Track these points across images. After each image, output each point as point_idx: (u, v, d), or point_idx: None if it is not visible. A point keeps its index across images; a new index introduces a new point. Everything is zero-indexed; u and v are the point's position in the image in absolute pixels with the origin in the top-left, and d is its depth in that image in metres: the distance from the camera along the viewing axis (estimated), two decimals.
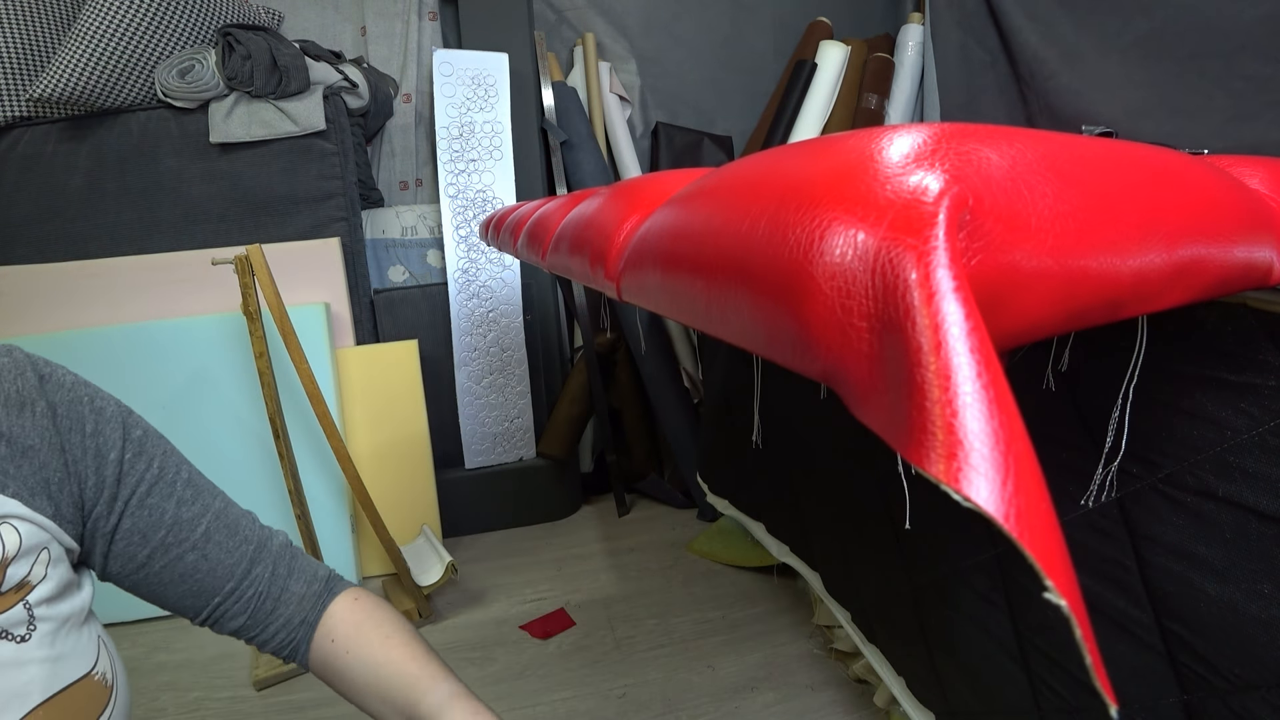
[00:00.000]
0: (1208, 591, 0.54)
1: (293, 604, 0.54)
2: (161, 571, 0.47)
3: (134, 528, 0.46)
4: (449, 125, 1.80)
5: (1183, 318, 0.53)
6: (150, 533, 0.46)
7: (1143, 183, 0.24)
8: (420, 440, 1.73)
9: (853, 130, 0.25)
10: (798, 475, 1.24)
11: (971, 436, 0.14)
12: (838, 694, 1.26)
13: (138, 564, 0.47)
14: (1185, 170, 0.27)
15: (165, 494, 0.47)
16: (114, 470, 0.44)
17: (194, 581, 0.49)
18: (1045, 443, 0.67)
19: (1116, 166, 0.24)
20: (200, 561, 0.49)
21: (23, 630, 0.38)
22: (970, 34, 1.73)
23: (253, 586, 0.52)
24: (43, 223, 1.59)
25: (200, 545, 0.49)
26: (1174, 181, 0.25)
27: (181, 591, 0.49)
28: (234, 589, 0.51)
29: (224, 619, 0.51)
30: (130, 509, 0.45)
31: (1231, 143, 1.14)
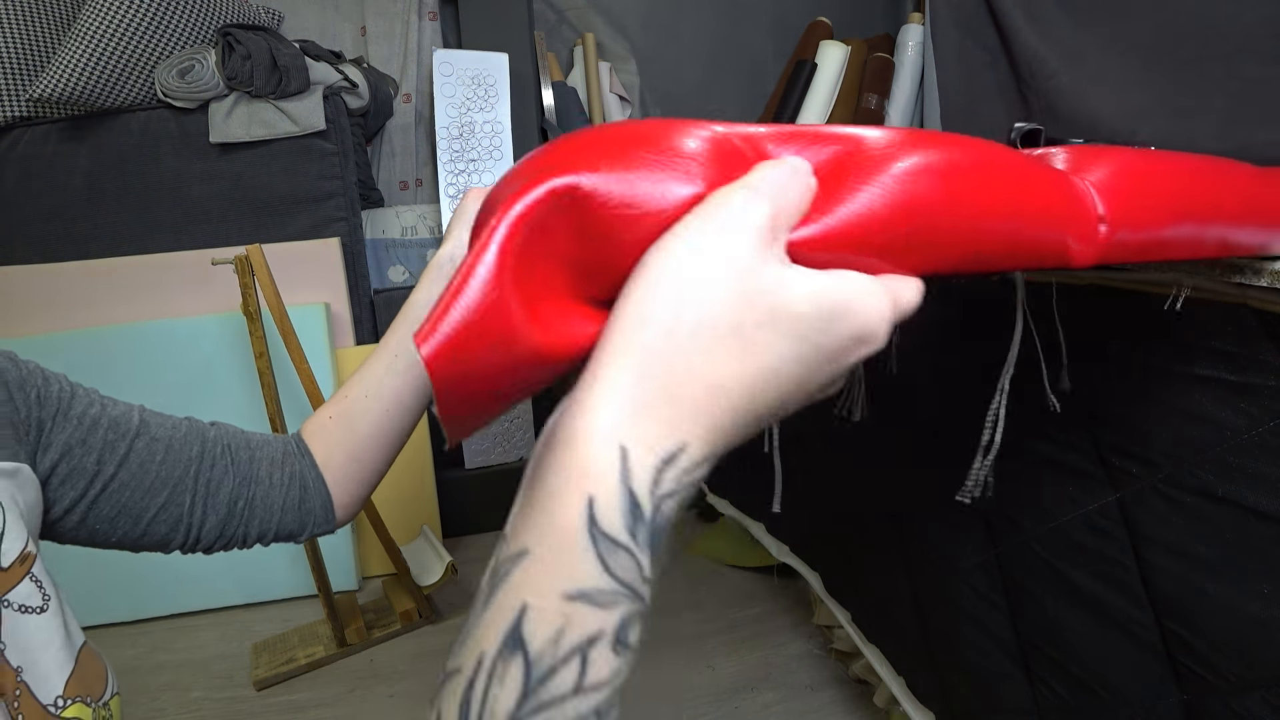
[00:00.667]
0: (1208, 591, 0.54)
1: (265, 462, 0.50)
2: (119, 479, 0.43)
3: (71, 439, 0.42)
4: (449, 125, 1.80)
5: (1184, 318, 0.53)
6: (89, 437, 0.42)
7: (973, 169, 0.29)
8: (420, 440, 1.73)
9: None
10: (798, 475, 1.24)
11: (438, 320, 0.20)
12: (838, 694, 1.26)
13: (89, 477, 0.42)
14: (1002, 161, 0.31)
15: (85, 400, 0.44)
16: (35, 396, 0.41)
17: (156, 474, 0.44)
18: (1045, 442, 0.67)
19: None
20: (151, 447, 0.45)
21: (39, 601, 0.37)
22: (970, 34, 1.73)
23: (219, 448, 0.48)
24: (43, 223, 1.59)
25: (143, 432, 0.45)
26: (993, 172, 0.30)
27: (148, 493, 0.44)
28: (199, 471, 0.46)
29: (213, 499, 0.47)
30: (58, 421, 0.42)
31: (1230, 144, 1.14)
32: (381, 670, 1.40)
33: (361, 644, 1.45)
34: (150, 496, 0.44)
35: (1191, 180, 0.42)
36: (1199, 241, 0.41)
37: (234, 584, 1.60)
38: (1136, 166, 0.37)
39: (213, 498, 0.46)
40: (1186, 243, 0.40)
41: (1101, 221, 0.33)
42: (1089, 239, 0.33)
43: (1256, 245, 0.45)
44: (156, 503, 0.44)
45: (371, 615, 1.53)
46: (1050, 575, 0.69)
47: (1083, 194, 0.33)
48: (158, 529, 0.45)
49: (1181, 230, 0.39)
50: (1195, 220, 0.40)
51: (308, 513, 0.50)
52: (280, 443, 0.51)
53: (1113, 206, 0.34)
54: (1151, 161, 0.40)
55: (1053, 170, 0.34)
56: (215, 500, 0.47)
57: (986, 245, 0.29)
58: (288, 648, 1.44)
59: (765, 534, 1.42)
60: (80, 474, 0.42)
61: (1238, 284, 0.48)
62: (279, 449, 0.51)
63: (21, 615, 0.36)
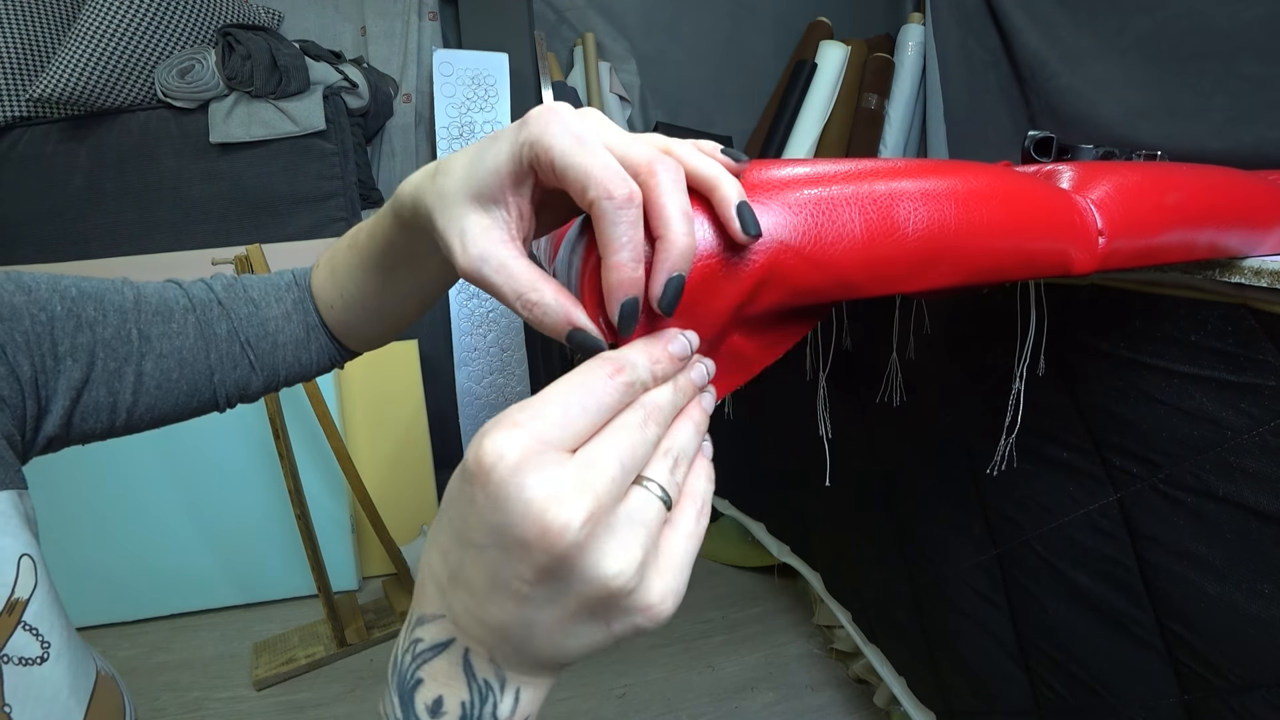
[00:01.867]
0: (1208, 591, 0.54)
1: (275, 319, 0.46)
2: (141, 402, 0.41)
3: (71, 380, 0.38)
4: (449, 125, 1.80)
5: (1184, 318, 0.53)
6: (90, 373, 0.39)
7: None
8: (420, 440, 1.73)
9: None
10: (799, 475, 1.25)
11: None
12: (838, 694, 1.26)
13: (108, 408, 0.39)
14: (1009, 182, 0.35)
15: (69, 325, 0.38)
16: (27, 372, 0.36)
17: (176, 387, 0.42)
18: (1046, 442, 0.67)
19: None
20: (161, 364, 0.41)
21: (38, 651, 0.33)
22: (971, 34, 1.73)
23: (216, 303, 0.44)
24: (43, 223, 1.59)
25: (146, 351, 0.41)
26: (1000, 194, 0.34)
27: (173, 397, 0.42)
28: (212, 365, 0.44)
29: (231, 375, 0.45)
30: (49, 373, 0.37)
31: (1231, 143, 1.14)
32: (381, 670, 1.40)
33: (361, 644, 1.45)
34: (176, 400, 0.43)
35: (1184, 190, 0.45)
36: (1191, 246, 0.44)
37: (234, 584, 1.60)
38: (1133, 182, 0.41)
39: (230, 374, 0.45)
40: (1179, 248, 0.44)
41: (1100, 234, 0.38)
42: (1089, 250, 0.37)
43: (1245, 247, 0.48)
44: (184, 404, 0.43)
45: (371, 615, 1.53)
46: (1050, 575, 0.69)
47: (1083, 211, 0.38)
48: (188, 415, 0.45)
49: (1174, 236, 0.43)
50: (1187, 227, 0.44)
51: (317, 350, 0.49)
52: (286, 287, 0.48)
53: (1111, 220, 0.38)
54: (1148, 175, 0.43)
55: (1056, 190, 0.39)
56: (234, 377, 0.45)
57: (998, 261, 0.33)
58: (288, 648, 1.44)
59: (765, 534, 1.42)
60: (101, 408, 0.40)
61: (1237, 284, 0.48)
62: (288, 300, 0.48)
63: (23, 669, 0.33)
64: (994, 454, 0.69)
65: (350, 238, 0.44)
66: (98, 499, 1.49)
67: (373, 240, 0.41)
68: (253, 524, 1.58)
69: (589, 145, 0.25)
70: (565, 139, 0.25)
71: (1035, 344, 0.63)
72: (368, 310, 0.47)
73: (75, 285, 0.40)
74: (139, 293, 0.42)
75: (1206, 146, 1.16)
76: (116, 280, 0.42)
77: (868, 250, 0.30)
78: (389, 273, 0.42)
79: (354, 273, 0.44)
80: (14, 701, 0.32)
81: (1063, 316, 0.62)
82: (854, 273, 0.30)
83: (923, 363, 0.81)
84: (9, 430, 0.36)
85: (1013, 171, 0.38)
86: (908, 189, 0.31)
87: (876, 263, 0.30)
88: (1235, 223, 0.46)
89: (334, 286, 0.46)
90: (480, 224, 0.27)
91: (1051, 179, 0.42)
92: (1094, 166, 0.43)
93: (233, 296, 0.46)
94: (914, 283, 0.32)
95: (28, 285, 0.37)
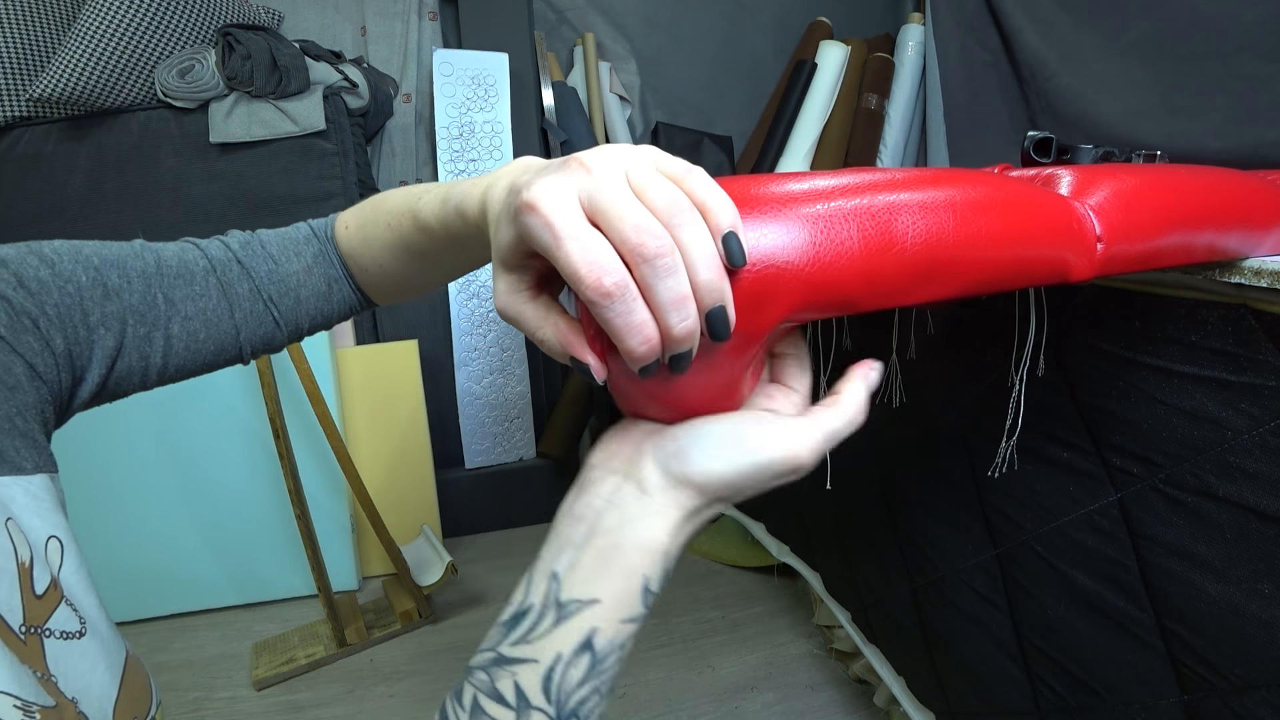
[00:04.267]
0: (1208, 591, 0.54)
1: (297, 274, 0.47)
2: (171, 362, 0.42)
3: (106, 347, 0.39)
4: (449, 125, 1.80)
5: (1184, 319, 0.53)
6: (123, 340, 0.40)
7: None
8: (420, 440, 1.73)
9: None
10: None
11: None
12: (838, 694, 1.26)
13: (140, 372, 0.41)
14: (1009, 191, 0.36)
15: (96, 294, 0.38)
16: (60, 346, 0.37)
17: (201, 346, 0.44)
18: (1046, 442, 0.67)
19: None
20: (188, 326, 0.42)
21: (77, 625, 0.35)
22: (971, 34, 1.73)
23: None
24: (43, 222, 1.59)
25: (172, 314, 0.42)
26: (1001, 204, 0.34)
27: (201, 354, 0.43)
28: (238, 323, 0.44)
29: (257, 330, 0.45)
30: (83, 343, 0.38)
31: (1231, 143, 1.14)
32: (381, 670, 1.40)
33: (361, 644, 1.45)
34: (203, 358, 0.44)
35: (1182, 194, 0.45)
36: (1190, 248, 0.44)
37: (234, 584, 1.60)
38: (1131, 186, 0.41)
39: (256, 331, 0.46)
40: (1178, 250, 0.43)
41: (1099, 240, 0.38)
42: (1087, 256, 0.37)
43: (1244, 248, 0.48)
44: (210, 361, 0.45)
45: (371, 615, 1.53)
46: (1050, 575, 0.69)
47: (1081, 218, 0.38)
48: (214, 369, 0.46)
49: (1173, 240, 0.43)
50: (1186, 229, 0.43)
51: (339, 301, 0.49)
52: (305, 240, 0.49)
53: (1109, 226, 0.38)
54: (1146, 179, 0.43)
55: (1054, 197, 0.39)
56: (260, 333, 0.46)
57: (997, 272, 0.34)
58: (288, 648, 1.44)
59: (765, 534, 1.42)
60: (134, 371, 0.41)
61: (1238, 285, 0.48)
62: (308, 254, 0.48)
63: (64, 642, 0.34)
64: (994, 454, 0.69)
65: (391, 216, 0.44)
66: (98, 499, 1.49)
67: (426, 233, 0.41)
68: (253, 524, 1.58)
69: (568, 240, 0.25)
70: (544, 236, 0.25)
71: (1035, 344, 0.63)
72: (410, 281, 0.48)
73: (96, 253, 0.40)
74: (159, 256, 0.42)
75: (1206, 146, 1.16)
76: (135, 244, 0.42)
77: (866, 264, 0.30)
78: (442, 256, 0.43)
79: (399, 253, 0.45)
80: (58, 673, 0.33)
81: (1063, 317, 0.62)
82: (853, 289, 0.30)
83: (923, 362, 0.81)
84: (44, 408, 0.36)
85: (1010, 179, 0.38)
86: (905, 201, 0.31)
87: (875, 277, 0.30)
88: (1234, 224, 0.46)
89: (370, 257, 0.47)
90: (505, 283, 0.30)
91: (1050, 184, 0.42)
92: (1092, 170, 0.43)
93: (251, 254, 0.46)
94: (913, 296, 0.32)
95: (50, 258, 0.37)
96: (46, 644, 0.33)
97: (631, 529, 0.32)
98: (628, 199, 0.26)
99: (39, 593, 0.34)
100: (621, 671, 0.33)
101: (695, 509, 0.33)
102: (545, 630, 0.31)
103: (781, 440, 0.32)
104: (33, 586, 0.33)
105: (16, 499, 0.34)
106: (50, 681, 0.33)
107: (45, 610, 0.34)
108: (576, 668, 0.30)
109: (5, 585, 0.32)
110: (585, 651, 0.30)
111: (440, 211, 0.39)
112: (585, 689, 0.31)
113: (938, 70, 1.84)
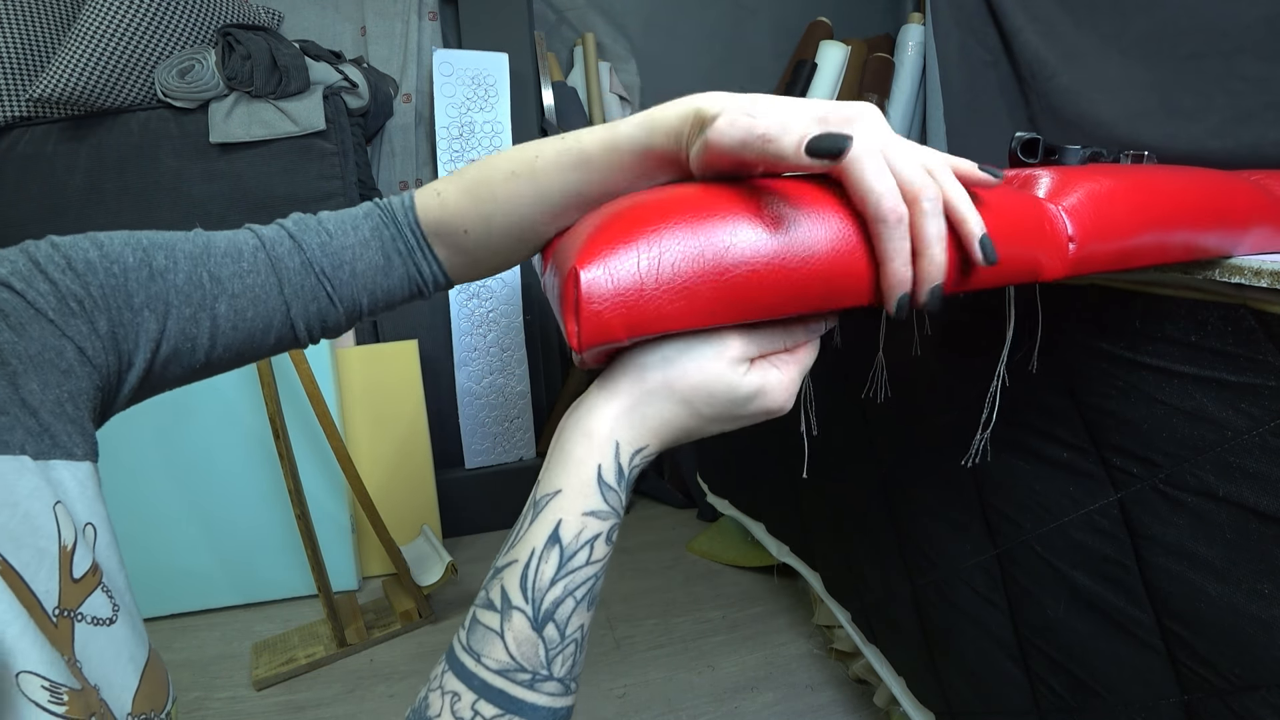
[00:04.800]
0: (1208, 591, 0.54)
1: (353, 247, 0.45)
2: (219, 343, 0.41)
3: (150, 331, 0.38)
4: (449, 125, 1.80)
5: (1184, 319, 0.53)
6: (166, 323, 0.39)
7: None
8: (420, 440, 1.73)
9: None
10: (798, 475, 1.24)
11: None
12: (838, 694, 1.26)
13: (188, 355, 0.40)
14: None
15: (140, 275, 0.38)
16: (104, 328, 0.37)
17: (250, 326, 0.42)
18: (1046, 442, 0.67)
19: None
20: (235, 304, 0.41)
21: (109, 612, 0.35)
22: (971, 34, 1.73)
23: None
24: (43, 222, 1.59)
25: (219, 293, 0.41)
26: None
27: (251, 337, 0.42)
28: (288, 299, 0.43)
29: (310, 307, 0.44)
30: (128, 326, 0.37)
31: (1230, 143, 1.14)
32: (381, 670, 1.40)
33: (361, 644, 1.45)
34: (253, 337, 0.43)
35: (1156, 194, 0.45)
36: (1164, 247, 0.45)
37: (234, 584, 1.60)
38: (1106, 188, 0.42)
39: (309, 306, 0.45)
40: (1153, 249, 0.45)
41: (1071, 241, 0.40)
42: (1059, 256, 0.39)
43: (1223, 246, 0.48)
44: (260, 341, 0.43)
45: (371, 615, 1.53)
46: (1050, 575, 0.69)
47: (1053, 218, 0.40)
48: (268, 352, 0.45)
49: (1147, 239, 0.44)
50: (1160, 229, 0.44)
51: (400, 278, 0.48)
52: (365, 215, 0.48)
53: (1081, 226, 0.40)
54: (1120, 180, 0.44)
55: (1027, 198, 0.41)
56: (313, 309, 0.45)
57: (966, 273, 0.35)
58: (288, 648, 1.44)
59: (765, 534, 1.42)
60: (181, 355, 0.40)
61: (1237, 285, 0.48)
62: (365, 227, 0.47)
63: (94, 628, 0.34)
64: (995, 454, 0.69)
65: (516, 163, 0.43)
66: None
67: (585, 166, 0.41)
68: (253, 524, 1.58)
69: (878, 168, 0.32)
70: (859, 150, 0.32)
71: (1033, 344, 0.63)
72: (510, 241, 0.46)
73: (147, 237, 0.40)
74: (209, 239, 0.42)
75: (1206, 146, 1.16)
76: (190, 232, 0.42)
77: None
78: (590, 187, 0.42)
79: (522, 200, 0.43)
80: (83, 658, 0.34)
81: (1063, 316, 0.62)
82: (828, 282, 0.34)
83: (924, 362, 0.81)
84: (94, 394, 0.37)
85: None
86: None
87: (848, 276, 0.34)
88: (1210, 223, 0.47)
89: (478, 214, 0.45)
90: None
91: (1028, 186, 0.43)
92: (1069, 172, 0.44)
93: (304, 229, 0.45)
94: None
95: (101, 241, 0.38)
96: (76, 628, 0.34)
97: (579, 420, 0.35)
98: (912, 151, 0.33)
99: (76, 577, 0.34)
100: (594, 588, 0.34)
101: (635, 399, 0.35)
102: (525, 529, 0.34)
103: (733, 362, 0.35)
104: (71, 571, 0.34)
105: (66, 483, 0.35)
106: (75, 665, 0.33)
107: (80, 595, 0.34)
108: (548, 563, 0.33)
109: (46, 568, 0.32)
110: (554, 544, 0.33)
111: (610, 136, 0.41)
112: (558, 589, 0.33)
113: (938, 70, 1.84)
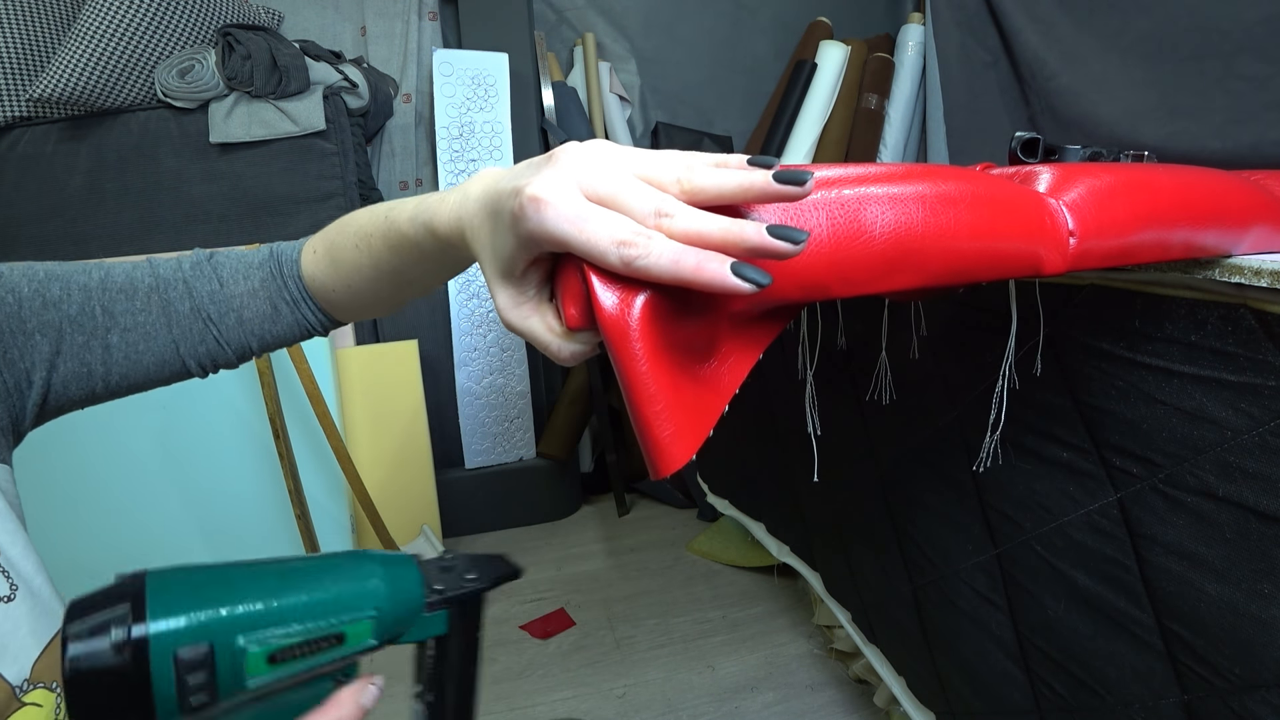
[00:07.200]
0: (1208, 591, 0.54)
1: (243, 298, 0.48)
2: (114, 371, 0.45)
3: (44, 352, 0.42)
4: (449, 125, 1.80)
5: (1184, 318, 0.53)
6: (61, 345, 0.42)
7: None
8: (420, 440, 1.73)
9: None
10: (798, 475, 1.24)
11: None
12: (838, 694, 1.26)
13: (85, 377, 0.43)
14: (981, 186, 0.36)
15: (35, 302, 0.41)
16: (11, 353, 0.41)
17: (141, 357, 0.46)
18: (1046, 442, 0.67)
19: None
20: (126, 338, 0.45)
21: (6, 591, 0.38)
22: (971, 34, 1.73)
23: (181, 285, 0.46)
24: (43, 222, 1.59)
25: (111, 326, 0.44)
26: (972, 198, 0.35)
27: (142, 367, 0.46)
28: (178, 338, 0.46)
29: (197, 348, 0.47)
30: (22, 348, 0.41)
31: (1230, 143, 1.14)
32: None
33: None
34: (146, 369, 0.47)
35: (1157, 191, 0.45)
36: (1165, 245, 0.45)
37: None
38: (1106, 184, 0.42)
39: (196, 347, 0.48)
40: (1153, 247, 0.44)
41: (1071, 235, 0.39)
42: (1059, 251, 0.39)
43: (1223, 245, 0.48)
44: (154, 374, 0.48)
45: None
46: (1050, 575, 0.69)
47: (1054, 212, 0.39)
48: (163, 382, 0.49)
49: (1148, 236, 0.43)
50: (1160, 227, 0.44)
51: (288, 325, 0.51)
52: (258, 265, 0.50)
53: (1082, 222, 0.39)
54: (1121, 177, 0.44)
55: (1028, 193, 0.40)
56: (201, 350, 0.48)
57: (966, 263, 0.35)
58: None
59: (765, 534, 1.42)
60: (79, 378, 0.44)
61: (1237, 284, 0.48)
62: (255, 278, 0.49)
63: None
64: (995, 454, 0.69)
65: (359, 237, 0.45)
66: (97, 500, 1.49)
67: (397, 252, 0.42)
68: (253, 524, 1.57)
69: (588, 220, 0.26)
70: (562, 226, 0.26)
71: (1034, 344, 0.63)
72: (381, 301, 0.49)
73: (44, 269, 0.43)
74: (107, 272, 0.45)
75: (1206, 146, 1.16)
76: (89, 263, 0.46)
77: (834, 253, 0.31)
78: (412, 274, 0.44)
79: (367, 273, 0.46)
80: None
81: (1063, 316, 0.62)
82: (822, 275, 0.31)
83: (924, 362, 0.81)
84: (3, 408, 0.41)
85: (987, 175, 0.39)
86: (875, 194, 0.33)
87: (843, 265, 0.32)
88: (1210, 222, 0.47)
89: (338, 279, 0.48)
90: (507, 297, 0.30)
91: (1029, 181, 0.43)
92: (1072, 168, 0.44)
93: (199, 275, 0.48)
94: (884, 284, 0.33)
95: (2, 272, 0.41)
96: None
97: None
98: (626, 178, 0.27)
99: None
100: None
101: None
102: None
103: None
104: None
105: None
106: None
107: None
108: None
109: None
110: None
111: (409, 229, 0.40)
112: None
113: (938, 70, 1.84)
